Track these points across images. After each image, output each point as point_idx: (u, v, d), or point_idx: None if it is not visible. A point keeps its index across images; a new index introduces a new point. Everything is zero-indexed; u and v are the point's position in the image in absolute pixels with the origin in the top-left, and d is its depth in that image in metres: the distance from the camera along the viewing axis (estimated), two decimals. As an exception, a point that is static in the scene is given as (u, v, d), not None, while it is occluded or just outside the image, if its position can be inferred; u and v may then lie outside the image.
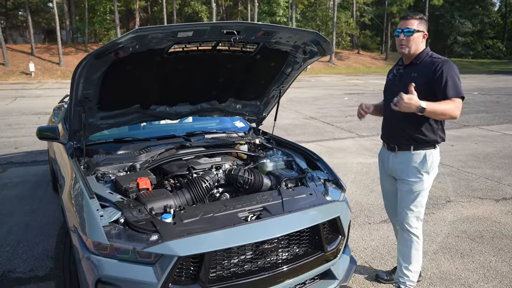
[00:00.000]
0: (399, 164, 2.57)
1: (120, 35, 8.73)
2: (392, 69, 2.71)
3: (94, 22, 29.98)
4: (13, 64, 24.44)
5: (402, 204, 2.59)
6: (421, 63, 2.45)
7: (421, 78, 2.40)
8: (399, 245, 2.69)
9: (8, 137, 7.75)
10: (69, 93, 2.53)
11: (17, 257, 3.19)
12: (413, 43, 2.43)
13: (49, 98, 14.17)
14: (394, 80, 2.60)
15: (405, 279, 2.61)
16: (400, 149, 2.56)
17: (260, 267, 2.09)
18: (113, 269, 1.90)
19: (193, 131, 3.52)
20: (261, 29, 2.33)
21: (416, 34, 2.41)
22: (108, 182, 2.45)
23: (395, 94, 2.35)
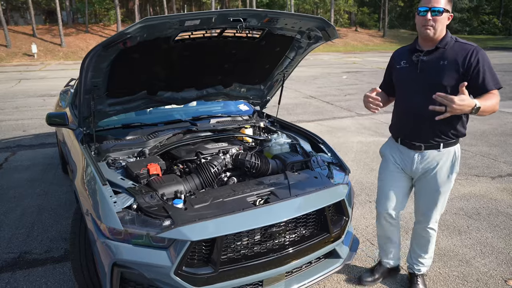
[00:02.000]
0: (426, 165, 2.31)
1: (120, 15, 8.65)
2: (403, 54, 2.35)
3: (94, 2, 29.62)
4: (15, 46, 24.33)
5: (427, 204, 2.41)
6: (448, 49, 2.13)
7: (452, 67, 2.10)
8: (416, 238, 2.57)
9: (16, 119, 7.83)
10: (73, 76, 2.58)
11: (32, 239, 3.31)
12: (440, 25, 2.10)
13: (53, 80, 14.20)
14: (413, 69, 2.23)
15: (420, 267, 2.58)
16: (428, 148, 2.28)
17: (268, 249, 2.16)
18: (128, 253, 1.98)
19: (198, 115, 3.57)
20: (267, 16, 2.34)
21: (444, 14, 2.09)
22: (119, 168, 2.52)
23: (416, 83, 2.17)
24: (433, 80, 2.14)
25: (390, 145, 2.52)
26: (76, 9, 31.82)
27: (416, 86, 2.21)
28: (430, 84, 2.15)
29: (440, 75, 2.13)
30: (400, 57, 2.36)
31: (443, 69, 2.12)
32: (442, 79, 2.12)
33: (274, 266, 2.15)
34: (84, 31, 28.99)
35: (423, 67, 2.19)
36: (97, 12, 32.47)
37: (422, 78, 2.19)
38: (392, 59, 2.44)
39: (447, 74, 2.10)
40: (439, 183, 2.31)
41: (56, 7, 26.07)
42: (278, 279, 2.25)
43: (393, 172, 2.46)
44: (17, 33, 26.59)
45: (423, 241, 2.52)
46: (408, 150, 2.36)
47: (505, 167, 4.90)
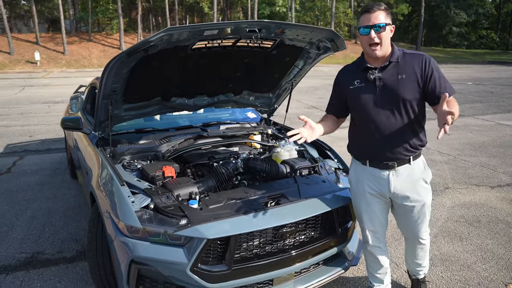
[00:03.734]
0: (402, 182, 2.21)
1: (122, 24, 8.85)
2: (350, 73, 2.25)
3: (97, 11, 30.01)
4: (19, 53, 24.57)
5: (414, 221, 2.30)
6: (402, 62, 2.09)
7: (412, 78, 2.07)
8: (411, 252, 2.51)
9: (22, 125, 7.94)
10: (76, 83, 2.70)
11: (44, 240, 3.38)
12: (385, 40, 2.04)
13: (57, 87, 14.36)
14: (371, 87, 2.14)
15: (423, 270, 2.59)
16: (400, 164, 2.19)
17: (279, 249, 2.25)
18: (146, 250, 2.06)
19: (208, 122, 3.68)
20: (281, 27, 2.47)
21: (387, 27, 2.03)
22: (134, 170, 2.62)
23: (381, 102, 2.11)
24: (396, 96, 2.08)
25: (357, 170, 2.36)
26: (79, 18, 32.19)
27: (378, 104, 2.12)
28: (392, 100, 2.09)
29: (402, 90, 2.07)
30: (349, 77, 2.23)
31: (403, 83, 2.07)
32: (405, 93, 2.07)
33: (284, 265, 2.24)
34: (87, 40, 29.30)
35: (383, 84, 2.11)
36: (100, 21, 32.85)
37: (383, 95, 2.11)
38: (339, 80, 2.32)
39: (408, 87, 2.07)
40: (422, 196, 2.24)
41: (59, 16, 26.36)
42: (287, 278, 2.34)
43: (368, 199, 2.32)
44: (20, 40, 26.87)
45: (420, 253, 2.48)
46: (380, 171, 2.23)
47: (504, 177, 5.01)
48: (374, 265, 2.51)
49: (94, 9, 30.25)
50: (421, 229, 2.34)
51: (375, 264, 2.50)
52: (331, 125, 2.41)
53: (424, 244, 2.44)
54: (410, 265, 2.63)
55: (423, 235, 2.38)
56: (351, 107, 2.30)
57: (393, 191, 2.23)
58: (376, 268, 2.51)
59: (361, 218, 2.41)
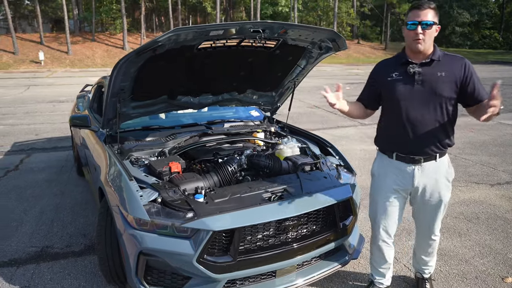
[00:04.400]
0: (426, 178, 2.28)
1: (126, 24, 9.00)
2: (390, 65, 2.30)
3: (100, 11, 30.15)
4: (23, 53, 24.74)
5: (430, 216, 2.40)
6: (443, 61, 2.16)
7: (451, 78, 2.13)
8: (422, 248, 2.58)
9: (28, 124, 8.05)
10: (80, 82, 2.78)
11: (53, 235, 3.48)
12: (429, 38, 2.11)
13: (61, 87, 14.48)
14: (409, 81, 2.19)
15: (429, 269, 2.65)
16: (427, 160, 2.25)
17: (282, 241, 2.34)
18: (153, 242, 2.15)
19: (212, 120, 3.77)
20: (284, 28, 2.55)
21: (433, 27, 2.09)
22: (142, 166, 2.71)
23: (417, 97, 2.16)
24: (433, 92, 2.15)
25: (383, 163, 2.41)
26: (83, 18, 32.35)
27: (415, 98, 2.18)
28: (430, 95, 2.16)
29: (440, 87, 2.14)
30: (388, 69, 2.29)
31: (443, 81, 2.13)
32: (443, 90, 2.14)
33: (286, 258, 2.32)
34: (91, 40, 29.45)
35: (422, 78, 2.16)
36: (104, 21, 33.01)
37: (421, 90, 2.17)
38: (376, 72, 2.38)
39: (447, 86, 2.13)
40: (442, 193, 2.32)
41: (63, 16, 26.52)
42: (290, 270, 2.42)
43: (388, 192, 2.38)
44: (24, 40, 27.05)
45: (430, 249, 2.55)
46: (406, 165, 2.28)
47: (504, 175, 5.07)
48: (379, 260, 2.59)
49: (98, 9, 30.41)
50: (435, 225, 2.43)
51: (380, 259, 2.57)
52: (358, 110, 2.46)
53: (434, 240, 2.51)
54: (417, 263, 2.68)
55: (435, 231, 2.46)
56: (385, 99, 2.35)
57: (416, 185, 2.30)
58: (380, 263, 2.59)
59: (376, 212, 2.47)
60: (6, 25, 27.05)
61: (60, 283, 2.79)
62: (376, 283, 2.64)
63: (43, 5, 31.53)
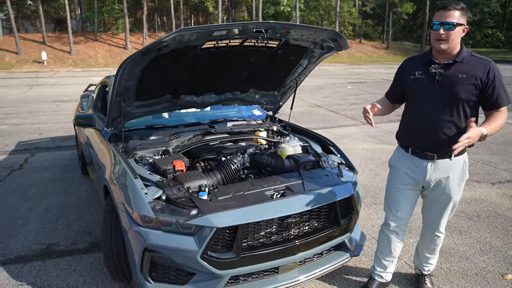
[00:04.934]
0: (439, 174, 2.34)
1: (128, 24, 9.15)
2: (415, 64, 2.36)
3: (103, 11, 30.19)
4: (26, 53, 24.82)
5: (440, 212, 2.46)
6: (466, 63, 2.17)
7: (471, 81, 2.14)
8: (426, 243, 2.62)
9: (31, 123, 8.11)
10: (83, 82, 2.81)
11: (58, 232, 3.52)
12: (453, 39, 2.13)
13: (64, 86, 14.55)
14: (430, 80, 2.24)
15: (429, 267, 2.70)
16: (440, 157, 2.30)
17: (284, 238, 2.38)
18: (158, 239, 2.19)
19: (215, 119, 3.81)
20: (286, 28, 2.59)
21: (458, 28, 2.10)
22: (146, 164, 2.75)
23: (436, 96, 2.21)
24: (451, 93, 2.18)
25: (400, 156, 2.50)
26: (85, 18, 32.42)
27: (433, 98, 2.23)
28: (448, 96, 2.19)
29: (458, 89, 2.16)
30: (412, 68, 2.35)
31: (462, 82, 2.15)
32: (461, 92, 2.16)
33: (289, 254, 2.36)
34: (93, 40, 29.52)
35: (442, 79, 2.20)
36: (106, 21, 33.08)
37: (440, 90, 2.21)
38: (402, 69, 2.45)
39: (466, 88, 2.14)
40: (452, 191, 2.35)
41: (66, 16, 26.60)
42: (292, 267, 2.46)
43: (403, 184, 2.46)
44: (27, 40, 27.13)
45: (433, 245, 2.60)
46: (420, 160, 2.35)
47: (505, 174, 5.10)
48: (384, 250, 2.64)
49: (100, 9, 30.43)
50: (441, 222, 2.49)
51: (385, 249, 2.63)
52: (387, 108, 2.59)
53: (439, 237, 2.56)
54: (419, 259, 2.73)
55: (440, 227, 2.52)
56: (407, 96, 2.44)
57: (428, 180, 2.37)
58: (385, 253, 2.64)
59: (389, 201, 2.56)
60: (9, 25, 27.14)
61: (66, 280, 2.84)
62: (376, 275, 2.68)
63: (46, 5, 31.60)
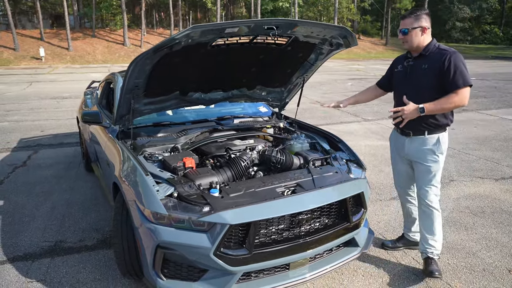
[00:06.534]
0: (415, 148, 2.77)
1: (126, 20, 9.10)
2: (400, 60, 2.87)
3: (100, 7, 30.04)
4: (23, 49, 24.72)
5: (420, 183, 2.80)
6: (429, 55, 2.62)
7: (432, 69, 2.58)
8: (421, 220, 2.86)
9: (32, 120, 8.09)
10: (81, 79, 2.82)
11: (65, 229, 3.53)
12: (411, 39, 2.63)
13: (64, 83, 14.51)
14: (404, 72, 2.77)
15: (432, 249, 2.80)
16: (415, 134, 2.75)
17: (295, 235, 2.39)
18: (171, 235, 2.20)
19: (222, 116, 3.81)
20: (297, 25, 2.59)
21: (412, 32, 2.60)
22: (156, 161, 2.75)
23: (406, 84, 2.69)
24: (417, 81, 2.65)
25: (393, 133, 3.04)
26: (83, 14, 32.27)
27: (405, 86, 2.71)
28: (414, 84, 2.66)
29: (422, 77, 2.63)
30: (398, 62, 2.90)
31: (424, 71, 2.62)
32: (423, 79, 2.62)
33: (300, 250, 2.37)
34: (91, 36, 29.41)
35: (410, 70, 2.72)
36: (104, 17, 32.92)
37: (409, 79, 2.72)
38: (392, 64, 2.98)
39: (428, 75, 2.60)
40: (426, 164, 2.73)
41: (64, 12, 26.46)
42: (303, 263, 2.47)
43: (396, 155, 3.01)
44: (25, 36, 27.01)
45: (428, 222, 2.80)
46: (401, 137, 2.86)
47: (508, 170, 5.13)
48: (404, 214, 3.15)
49: (98, 4, 30.30)
50: (425, 193, 2.78)
51: (404, 213, 3.14)
52: (367, 93, 3.19)
53: (431, 210, 2.78)
54: (422, 242, 2.86)
55: (426, 198, 2.78)
56: (393, 86, 2.95)
57: (407, 152, 2.85)
58: (406, 217, 3.15)
59: (392, 165, 3.11)
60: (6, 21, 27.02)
61: (76, 276, 2.84)
62: (405, 235, 3.17)
63: (43, 1, 31.43)
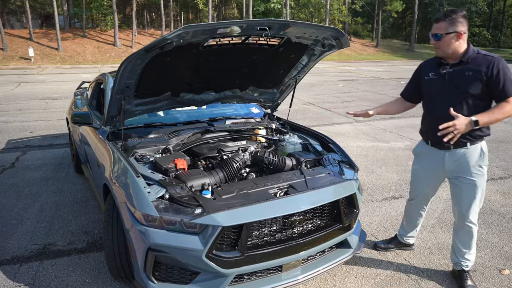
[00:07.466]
0: (456, 162, 2.57)
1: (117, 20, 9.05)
2: (429, 67, 2.64)
3: (91, 7, 29.74)
4: (12, 49, 24.39)
5: (465, 199, 2.60)
6: (472, 62, 2.42)
7: (477, 77, 2.39)
8: (457, 235, 2.72)
9: (21, 121, 7.96)
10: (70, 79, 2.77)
11: (54, 232, 3.47)
12: (444, 46, 2.43)
13: (53, 84, 14.34)
14: (440, 80, 2.54)
15: (467, 263, 2.73)
16: (456, 146, 2.54)
17: (288, 236, 2.37)
18: (162, 238, 2.17)
19: (214, 117, 3.78)
20: (289, 26, 2.58)
21: (446, 37, 2.39)
22: (147, 163, 2.72)
23: (446, 93, 2.48)
24: (460, 89, 2.44)
25: (422, 146, 2.81)
26: (73, 14, 31.94)
27: (445, 96, 2.50)
28: (457, 92, 2.45)
29: (466, 85, 2.42)
30: (427, 69, 2.66)
31: (469, 79, 2.41)
32: (469, 87, 2.42)
33: (293, 252, 2.35)
34: (81, 36, 29.12)
35: (450, 78, 2.49)
36: (94, 17, 32.63)
37: (449, 88, 2.49)
38: (419, 71, 2.75)
39: (472, 83, 2.40)
40: (473, 177, 2.55)
41: (53, 11, 26.17)
42: (296, 265, 2.46)
43: (425, 166, 2.79)
44: (13, 36, 26.64)
45: (467, 238, 2.67)
46: (438, 151, 2.64)
47: (498, 171, 5.18)
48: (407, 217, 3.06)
49: (88, 4, 29.99)
50: (469, 210, 2.61)
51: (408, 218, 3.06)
52: (395, 105, 2.96)
53: (472, 228, 2.65)
54: (456, 255, 2.77)
55: (470, 216, 2.62)
56: (423, 95, 2.73)
57: (447, 168, 2.64)
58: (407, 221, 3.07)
59: (414, 179, 2.93)
60: (-6, 21, 26.59)
61: (65, 280, 2.80)
62: (399, 237, 3.14)
63: (32, 1, 31.05)
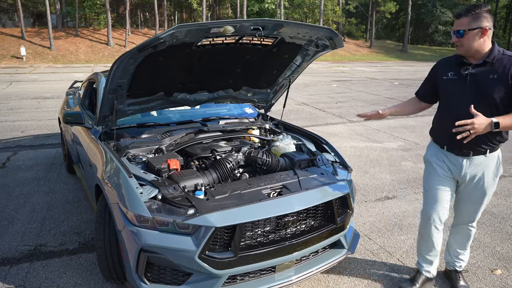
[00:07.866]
0: (475, 170, 2.41)
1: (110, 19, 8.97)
2: (448, 66, 2.43)
3: (84, 6, 29.52)
4: (4, 48, 24.14)
5: (472, 207, 2.54)
6: (497, 63, 2.22)
7: (502, 80, 2.19)
8: (457, 236, 2.70)
9: (12, 121, 7.88)
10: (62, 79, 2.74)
11: (45, 233, 3.43)
12: (467, 43, 2.22)
13: (45, 83, 14.21)
14: (461, 80, 2.32)
15: (461, 263, 2.75)
16: (475, 154, 2.38)
17: (281, 237, 2.37)
18: (155, 239, 2.15)
19: (207, 117, 3.77)
20: (283, 26, 2.58)
21: (469, 33, 2.19)
22: (139, 163, 2.70)
23: (466, 95, 2.27)
24: (483, 93, 2.23)
25: (435, 152, 2.57)
26: (66, 13, 31.69)
27: (465, 98, 2.27)
28: (480, 96, 2.24)
29: (490, 89, 2.21)
30: (445, 68, 2.44)
31: (493, 82, 2.20)
32: (492, 92, 2.20)
33: (286, 253, 2.35)
34: (74, 35, 28.91)
35: (473, 80, 2.27)
36: (87, 16, 32.41)
37: (471, 90, 2.27)
38: (435, 70, 2.52)
39: (497, 87, 2.19)
40: (486, 186, 2.43)
41: (46, 10, 25.94)
42: (289, 266, 2.45)
43: (441, 177, 2.51)
44: (5, 35, 26.36)
45: (464, 239, 2.68)
46: (456, 157, 2.44)
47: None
48: (427, 246, 2.65)
49: (81, 3, 29.77)
50: (475, 216, 2.57)
51: (429, 245, 2.64)
52: (409, 105, 2.73)
53: (471, 230, 2.65)
54: (450, 255, 2.78)
55: (474, 221, 2.61)
56: (440, 95, 2.51)
57: (463, 176, 2.45)
58: (429, 250, 2.66)
59: (429, 197, 2.58)
60: (-15, 19, 26.36)
61: (56, 281, 2.76)
62: (424, 271, 2.71)
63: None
